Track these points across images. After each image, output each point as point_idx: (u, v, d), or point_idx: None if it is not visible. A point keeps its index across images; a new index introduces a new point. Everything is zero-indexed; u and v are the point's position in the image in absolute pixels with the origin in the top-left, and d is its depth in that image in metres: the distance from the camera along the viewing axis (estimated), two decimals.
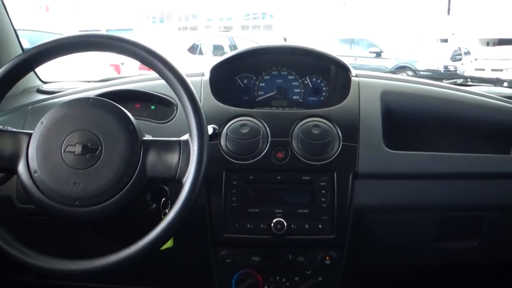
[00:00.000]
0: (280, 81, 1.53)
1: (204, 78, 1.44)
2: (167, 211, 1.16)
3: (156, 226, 1.03)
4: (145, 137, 1.12)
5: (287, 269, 1.36)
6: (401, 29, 25.49)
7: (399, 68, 11.72)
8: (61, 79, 1.86)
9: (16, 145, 1.09)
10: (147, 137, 1.14)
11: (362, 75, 1.48)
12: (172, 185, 1.15)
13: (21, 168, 1.07)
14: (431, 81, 1.64)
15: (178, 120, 1.36)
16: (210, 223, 1.31)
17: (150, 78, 1.48)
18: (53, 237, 1.41)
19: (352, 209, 1.31)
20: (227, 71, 1.51)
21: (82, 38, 1.09)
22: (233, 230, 1.31)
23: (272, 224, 1.28)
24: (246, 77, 1.53)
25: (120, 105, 1.13)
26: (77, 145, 1.06)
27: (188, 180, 1.03)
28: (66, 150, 1.06)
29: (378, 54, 13.50)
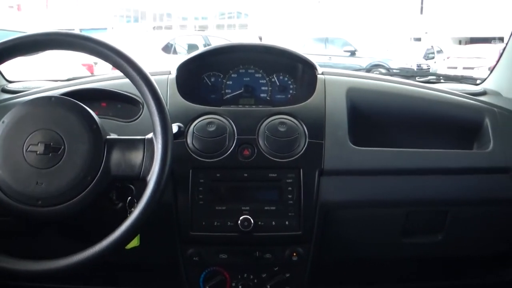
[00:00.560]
0: (248, 79, 1.53)
1: (170, 77, 1.44)
2: (133, 210, 1.15)
3: (120, 225, 1.02)
4: (109, 136, 1.12)
5: (255, 266, 1.37)
6: (375, 28, 25.73)
7: (373, 66, 11.84)
8: (30, 79, 1.83)
9: None
10: (112, 136, 1.13)
11: (328, 72, 1.49)
12: (138, 184, 1.15)
13: None
14: (397, 78, 1.66)
15: (145, 119, 1.35)
16: (177, 221, 1.31)
17: (118, 76, 1.46)
18: (17, 238, 1.39)
19: (319, 205, 1.32)
20: (194, 70, 1.51)
21: (43, 36, 1.08)
22: (200, 228, 1.31)
23: (239, 222, 1.28)
24: (213, 75, 1.53)
25: (85, 104, 1.13)
26: (39, 144, 1.05)
27: (152, 179, 1.03)
28: (28, 150, 1.05)
29: (353, 53, 13.62)
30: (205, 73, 1.53)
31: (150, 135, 1.09)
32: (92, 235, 1.07)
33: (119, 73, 1.11)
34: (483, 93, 1.72)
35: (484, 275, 1.62)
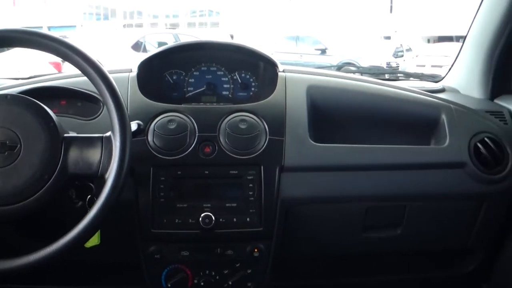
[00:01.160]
0: (210, 77, 1.53)
1: (131, 74, 1.43)
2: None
3: (78, 223, 1.02)
4: (67, 134, 1.11)
5: (216, 263, 1.37)
6: (346, 27, 25.93)
7: (343, 64, 11.94)
8: None
9: None
10: (70, 134, 1.13)
11: (289, 70, 1.50)
12: (98, 182, 1.14)
13: None
14: (357, 75, 1.69)
15: (105, 117, 1.34)
16: (138, 219, 1.31)
17: (79, 74, 1.43)
18: None
19: (279, 201, 1.34)
20: (156, 67, 1.50)
21: None
22: (162, 226, 1.31)
23: (200, 219, 1.29)
24: (175, 73, 1.52)
25: (44, 102, 1.12)
26: None
27: (110, 176, 1.03)
28: None
29: (323, 51, 13.68)
30: (167, 71, 1.53)
31: (108, 133, 1.09)
32: (53, 234, 1.06)
33: None
34: (442, 90, 1.77)
35: (443, 268, 1.66)
